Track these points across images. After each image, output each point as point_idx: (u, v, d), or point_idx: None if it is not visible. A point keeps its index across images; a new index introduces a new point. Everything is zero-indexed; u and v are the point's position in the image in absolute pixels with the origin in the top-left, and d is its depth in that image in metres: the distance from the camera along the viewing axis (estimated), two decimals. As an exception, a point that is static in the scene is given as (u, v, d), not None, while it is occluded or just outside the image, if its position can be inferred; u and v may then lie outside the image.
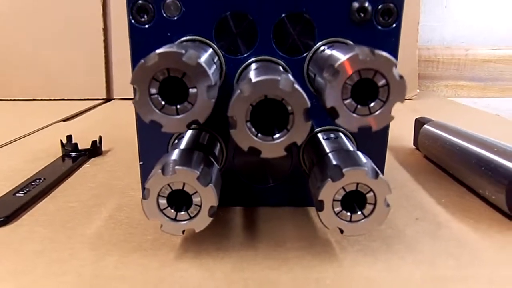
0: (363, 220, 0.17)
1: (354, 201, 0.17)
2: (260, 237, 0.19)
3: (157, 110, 0.15)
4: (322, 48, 0.20)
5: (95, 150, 0.31)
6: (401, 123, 0.20)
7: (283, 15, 0.20)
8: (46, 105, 0.55)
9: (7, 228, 0.20)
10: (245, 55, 0.20)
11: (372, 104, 0.15)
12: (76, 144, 0.31)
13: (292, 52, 0.20)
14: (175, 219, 0.17)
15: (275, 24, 0.20)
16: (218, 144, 0.21)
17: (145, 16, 0.19)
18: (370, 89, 0.15)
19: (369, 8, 0.19)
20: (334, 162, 0.17)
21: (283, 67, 0.20)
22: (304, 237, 0.19)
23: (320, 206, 0.16)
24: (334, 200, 0.16)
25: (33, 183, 0.24)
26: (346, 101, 0.15)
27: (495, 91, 0.69)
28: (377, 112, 0.15)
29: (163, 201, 0.16)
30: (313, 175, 0.18)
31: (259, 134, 0.15)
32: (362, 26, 0.20)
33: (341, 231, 0.17)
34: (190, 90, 0.15)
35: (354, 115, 0.15)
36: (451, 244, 0.19)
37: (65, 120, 0.45)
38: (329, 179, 0.16)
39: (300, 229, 0.20)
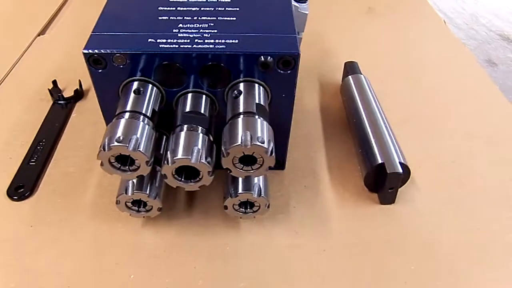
0: (251, 213, 0.27)
1: (248, 204, 0.27)
2: (196, 204, 0.30)
3: (116, 170, 0.24)
4: (236, 84, 0.26)
5: (79, 95, 0.39)
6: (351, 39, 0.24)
7: (206, 64, 0.25)
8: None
9: (33, 199, 0.30)
10: (179, 89, 0.27)
11: (252, 166, 0.24)
12: (62, 95, 0.38)
13: (214, 87, 0.27)
14: (138, 211, 0.27)
15: (200, 69, 0.26)
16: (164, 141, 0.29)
17: (99, 65, 0.25)
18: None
19: (271, 61, 0.25)
20: (235, 184, 0.26)
21: (207, 96, 0.27)
22: (221, 211, 0.29)
23: (225, 208, 0.27)
24: (233, 205, 0.27)
25: (38, 147, 0.33)
26: (236, 164, 0.24)
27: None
28: (256, 170, 0.24)
29: (129, 205, 0.26)
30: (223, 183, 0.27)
31: (182, 180, 0.24)
32: (267, 71, 0.26)
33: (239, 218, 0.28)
34: (136, 161, 0.23)
35: (241, 170, 0.24)
36: (317, 214, 0.30)
37: (41, 33, 0.49)
38: (229, 196, 0.26)
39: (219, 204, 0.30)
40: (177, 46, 0.25)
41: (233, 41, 0.25)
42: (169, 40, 0.25)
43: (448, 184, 0.32)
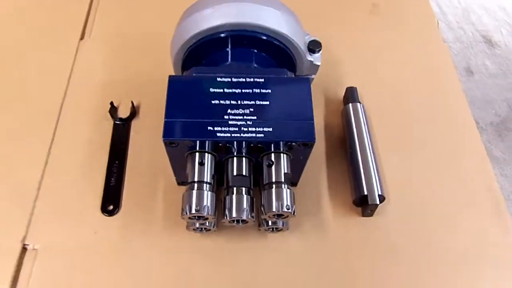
0: (276, 231, 0.40)
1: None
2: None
3: (193, 220, 0.36)
4: (269, 154, 0.37)
5: (133, 114, 0.48)
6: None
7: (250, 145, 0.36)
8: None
9: (119, 216, 0.42)
10: (227, 156, 0.37)
11: (280, 218, 0.36)
12: (121, 118, 0.48)
13: (254, 154, 0.37)
14: (201, 231, 0.40)
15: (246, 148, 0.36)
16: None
17: (173, 145, 0.35)
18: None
19: (294, 145, 0.36)
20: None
21: (246, 158, 0.38)
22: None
23: (259, 230, 0.40)
24: (265, 230, 0.40)
25: (113, 169, 0.45)
26: (270, 217, 0.36)
27: None
28: (283, 219, 0.36)
29: (195, 229, 0.39)
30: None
31: (234, 223, 0.37)
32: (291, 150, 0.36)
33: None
34: (208, 218, 0.35)
35: (274, 219, 0.36)
36: (319, 224, 0.43)
37: (81, 37, 0.56)
38: (263, 225, 0.39)
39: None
40: (229, 135, 0.35)
41: (269, 129, 0.35)
42: (223, 129, 0.35)
43: (412, 201, 0.45)
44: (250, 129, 0.36)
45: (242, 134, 0.35)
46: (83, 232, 0.42)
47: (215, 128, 0.35)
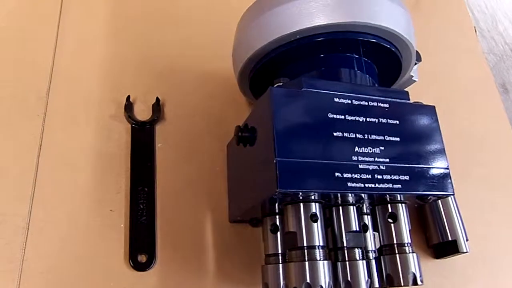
0: None
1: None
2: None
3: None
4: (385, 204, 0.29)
5: (158, 115, 0.35)
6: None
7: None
8: None
9: (156, 271, 0.30)
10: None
11: (400, 286, 0.29)
12: (141, 121, 0.34)
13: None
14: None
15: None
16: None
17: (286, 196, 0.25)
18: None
19: (430, 199, 0.28)
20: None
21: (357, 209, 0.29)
22: None
23: None
24: None
25: (140, 199, 0.31)
26: (390, 287, 0.28)
27: None
28: None
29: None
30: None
31: None
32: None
33: None
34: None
35: None
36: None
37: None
38: None
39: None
40: (362, 185, 0.25)
41: (405, 177, 0.27)
42: (354, 176, 0.25)
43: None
44: (384, 177, 0.26)
45: (376, 184, 0.26)
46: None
47: (344, 175, 0.25)
